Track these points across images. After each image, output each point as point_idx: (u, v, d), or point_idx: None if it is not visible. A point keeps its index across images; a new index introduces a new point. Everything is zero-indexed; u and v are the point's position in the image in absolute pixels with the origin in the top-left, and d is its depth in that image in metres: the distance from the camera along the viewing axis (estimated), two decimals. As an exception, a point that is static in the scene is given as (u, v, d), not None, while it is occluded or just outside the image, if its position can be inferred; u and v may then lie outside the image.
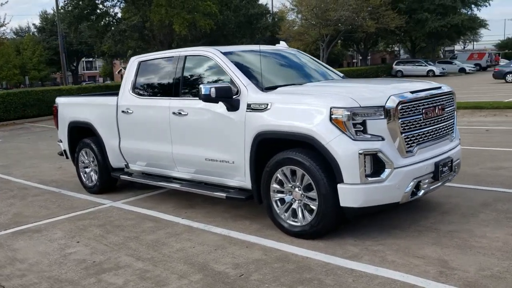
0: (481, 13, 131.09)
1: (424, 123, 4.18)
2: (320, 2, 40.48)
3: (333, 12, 39.69)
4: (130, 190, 6.66)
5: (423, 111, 4.15)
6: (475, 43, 78.72)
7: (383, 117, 3.86)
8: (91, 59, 76.92)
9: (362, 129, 3.87)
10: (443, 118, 4.44)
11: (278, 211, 4.42)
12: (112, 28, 20.92)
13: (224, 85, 4.59)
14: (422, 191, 4.10)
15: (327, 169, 4.00)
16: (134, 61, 6.10)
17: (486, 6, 47.17)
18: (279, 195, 4.41)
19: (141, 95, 5.83)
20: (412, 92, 4.14)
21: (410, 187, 3.96)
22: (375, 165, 3.85)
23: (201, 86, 4.59)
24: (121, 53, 27.95)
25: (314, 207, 4.11)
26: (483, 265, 3.48)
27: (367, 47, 49.60)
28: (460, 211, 4.75)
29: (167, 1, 19.64)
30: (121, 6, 21.27)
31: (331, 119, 3.90)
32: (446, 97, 4.52)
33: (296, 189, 4.27)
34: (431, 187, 4.22)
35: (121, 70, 74.38)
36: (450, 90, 4.63)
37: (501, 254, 3.66)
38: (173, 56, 5.57)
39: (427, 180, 4.12)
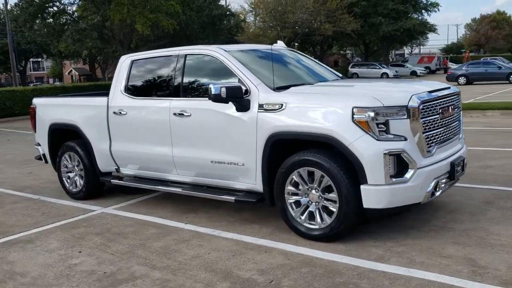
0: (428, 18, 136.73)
1: (440, 123, 4.21)
2: (278, 5, 40.83)
3: (291, 15, 40.11)
4: (117, 195, 6.35)
5: (440, 111, 4.18)
6: (421, 47, 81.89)
7: (405, 117, 3.85)
8: (39, 59, 73.81)
9: (384, 129, 3.83)
10: (454, 118, 4.50)
11: (293, 214, 4.31)
12: (70, 26, 20.08)
13: (234, 85, 4.44)
14: (440, 191, 4.12)
15: (348, 170, 3.94)
16: (125, 60, 5.82)
17: (435, 12, 49.03)
18: (294, 197, 4.31)
19: (135, 95, 5.56)
20: (430, 92, 4.16)
21: (431, 187, 3.96)
22: (398, 165, 3.83)
23: (210, 85, 4.42)
24: (80, 52, 26.93)
25: (334, 209, 4.04)
26: (511, 263, 3.53)
27: (323, 50, 50.37)
28: (467, 209, 4.83)
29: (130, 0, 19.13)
30: (80, 3, 20.47)
31: (353, 119, 3.84)
32: (456, 97, 4.58)
33: (313, 191, 4.18)
34: (447, 187, 4.26)
35: (71, 70, 72.02)
36: (458, 90, 4.70)
37: (523, 251, 3.73)
38: (171, 55, 5.35)
39: (444, 180, 4.15)
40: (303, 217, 4.27)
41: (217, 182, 4.95)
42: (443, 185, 4.14)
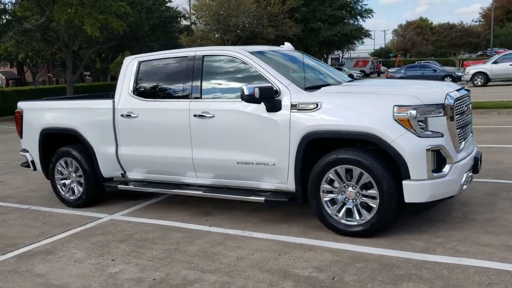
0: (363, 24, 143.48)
1: (465, 120, 4.48)
2: (221, 8, 40.88)
3: (234, 18, 40.30)
4: (117, 202, 6.12)
5: (465, 108, 4.45)
6: (351, 52, 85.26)
7: (442, 114, 4.06)
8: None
9: (423, 126, 4.02)
10: (470, 116, 4.80)
11: (329, 212, 4.40)
12: (12, 27, 18.90)
13: (266, 85, 4.46)
14: (467, 184, 4.38)
15: (387, 167, 4.09)
16: (131, 62, 5.64)
17: (370, 18, 51.23)
18: (330, 195, 4.40)
19: (147, 97, 5.40)
20: (457, 91, 4.42)
21: (463, 180, 4.21)
22: (438, 161, 4.03)
23: (243, 86, 4.42)
24: (17, 55, 25.34)
25: (373, 205, 4.17)
26: (545, 247, 3.84)
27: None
28: (477, 201, 5.14)
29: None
30: (21, 2, 19.32)
31: (394, 117, 4.00)
32: (469, 97, 4.89)
33: (350, 188, 4.29)
34: (471, 180, 4.53)
35: (-3, 74, 67.59)
36: (469, 90, 5.01)
37: (549, 236, 4.07)
38: (186, 56, 5.26)
39: (470, 174, 4.41)
40: (340, 214, 4.36)
41: (241, 183, 4.93)
42: (469, 179, 4.40)
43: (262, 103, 4.54)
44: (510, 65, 25.08)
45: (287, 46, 6.19)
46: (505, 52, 28.98)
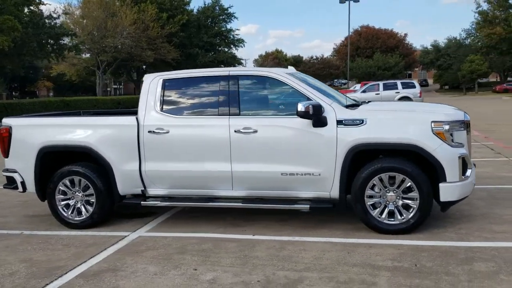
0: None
1: (466, 133, 5.56)
2: (94, 28, 39.47)
3: (111, 39, 39.25)
4: (119, 221, 6.01)
5: (467, 124, 5.54)
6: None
7: (463, 128, 5.05)
8: None
9: (452, 138, 4.96)
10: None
11: (373, 214, 5.06)
12: None
13: (316, 103, 5.00)
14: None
15: (425, 172, 4.93)
16: (154, 79, 5.70)
17: (242, 47, 53.97)
18: (373, 199, 5.07)
19: (178, 114, 5.52)
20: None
21: (474, 182, 5.23)
22: (463, 166, 4.98)
23: (298, 103, 4.92)
24: None
25: (414, 206, 4.95)
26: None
27: (139, 76, 50.24)
28: (478, 201, 6.16)
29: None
30: None
31: (432, 131, 4.87)
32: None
33: (391, 192, 5.02)
34: (472, 183, 5.57)
35: None
36: None
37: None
38: (218, 76, 5.53)
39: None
40: (383, 216, 5.05)
41: (280, 193, 5.34)
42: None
43: (307, 119, 5.06)
44: (376, 94, 28.86)
45: (291, 70, 6.76)
46: (370, 83, 33.19)
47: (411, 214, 4.96)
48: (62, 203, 5.82)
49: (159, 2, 43.56)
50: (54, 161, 5.87)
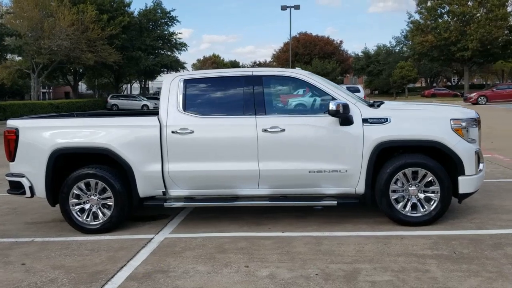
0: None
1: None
2: (32, 29, 37.45)
3: (48, 41, 37.43)
4: (133, 222, 5.90)
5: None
6: (150, 82, 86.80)
7: (475, 126, 5.45)
8: None
9: (467, 134, 5.35)
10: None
11: (397, 208, 5.33)
12: None
13: (344, 102, 5.20)
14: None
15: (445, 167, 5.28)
16: (174, 79, 5.64)
17: (185, 51, 53.55)
18: (397, 194, 5.34)
19: (202, 114, 5.50)
20: (471, 110, 5.91)
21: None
22: (477, 160, 5.39)
23: (330, 102, 5.11)
24: None
25: (435, 198, 5.27)
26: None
27: (76, 80, 48.25)
28: (480, 195, 6.61)
29: None
30: None
31: (452, 128, 5.23)
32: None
33: (413, 186, 5.32)
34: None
35: None
36: None
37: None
38: (241, 76, 5.59)
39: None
40: (406, 209, 5.33)
41: (307, 190, 5.48)
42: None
43: (334, 118, 5.25)
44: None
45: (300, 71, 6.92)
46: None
47: (433, 206, 5.28)
48: (77, 207, 5.59)
49: (99, 3, 42.11)
50: (66, 164, 5.64)
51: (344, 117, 5.21)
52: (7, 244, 5.33)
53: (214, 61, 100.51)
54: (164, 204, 5.55)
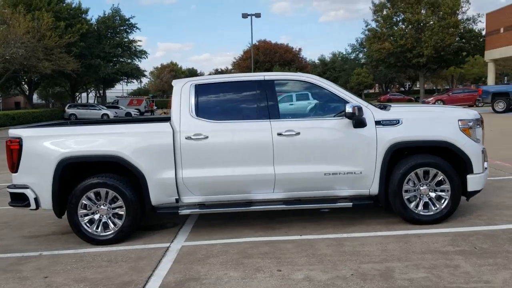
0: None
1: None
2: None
3: (2, 49, 35.98)
4: (143, 231, 5.78)
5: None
6: (108, 91, 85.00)
7: (479, 126, 5.68)
8: None
9: (474, 134, 5.56)
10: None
11: (410, 207, 5.46)
12: None
13: (358, 105, 5.29)
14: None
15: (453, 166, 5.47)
16: (185, 85, 5.57)
17: (145, 58, 52.80)
18: (409, 193, 5.47)
19: (216, 119, 5.45)
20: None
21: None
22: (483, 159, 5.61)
23: (347, 105, 5.20)
24: None
25: (446, 197, 5.44)
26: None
27: (31, 89, 46.50)
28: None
29: None
30: None
31: (460, 128, 5.43)
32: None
33: (424, 186, 5.47)
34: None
35: None
36: None
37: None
38: (254, 80, 5.59)
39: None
40: (418, 208, 5.47)
41: (322, 193, 5.51)
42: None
43: (347, 120, 5.35)
44: (290, 104, 30.02)
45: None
46: (281, 94, 34.36)
47: (444, 205, 5.45)
48: (86, 218, 5.39)
49: (55, 10, 40.89)
50: (72, 174, 5.45)
51: (359, 120, 5.30)
52: (14, 259, 5.08)
53: (172, 69, 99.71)
54: (179, 211, 5.45)
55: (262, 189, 5.46)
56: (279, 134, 5.34)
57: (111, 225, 5.41)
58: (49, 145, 5.35)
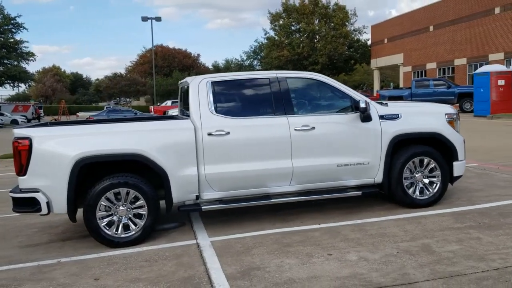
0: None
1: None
2: None
3: None
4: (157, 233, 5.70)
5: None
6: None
7: (458, 119, 6.49)
8: None
9: (456, 126, 6.35)
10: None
11: (409, 193, 6.07)
12: None
13: (368, 101, 5.79)
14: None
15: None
16: (202, 81, 5.60)
17: (33, 61, 48.92)
18: (408, 180, 6.08)
19: (235, 115, 5.55)
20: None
21: (462, 161, 6.74)
22: (463, 148, 6.43)
23: (359, 100, 5.66)
24: None
25: (437, 182, 6.14)
26: None
27: None
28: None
29: None
30: None
31: (447, 121, 6.18)
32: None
33: (419, 173, 6.12)
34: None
35: None
36: None
37: None
38: (268, 78, 5.79)
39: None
40: (416, 193, 6.11)
41: (333, 183, 5.88)
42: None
43: (355, 115, 5.81)
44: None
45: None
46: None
47: (436, 189, 6.15)
48: (105, 220, 5.16)
49: None
50: (86, 175, 5.18)
51: (368, 114, 5.78)
52: (33, 268, 4.69)
53: (56, 73, 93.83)
54: (203, 207, 5.45)
55: (280, 182, 5.68)
56: (296, 129, 5.61)
57: (132, 225, 5.24)
58: (63, 145, 5.04)
